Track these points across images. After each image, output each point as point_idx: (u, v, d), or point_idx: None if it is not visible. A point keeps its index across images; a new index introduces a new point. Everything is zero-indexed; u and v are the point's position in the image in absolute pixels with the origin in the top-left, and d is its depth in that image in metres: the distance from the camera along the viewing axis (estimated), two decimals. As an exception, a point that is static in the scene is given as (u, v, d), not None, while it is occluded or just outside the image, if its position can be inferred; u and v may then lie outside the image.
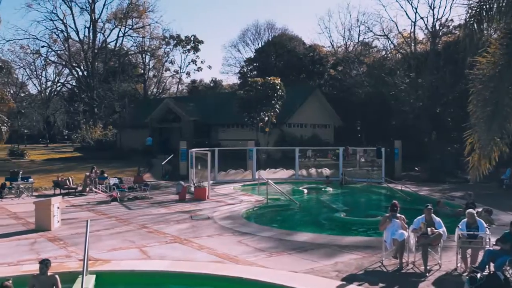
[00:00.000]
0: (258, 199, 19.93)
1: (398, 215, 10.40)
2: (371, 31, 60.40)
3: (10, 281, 7.13)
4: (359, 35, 55.85)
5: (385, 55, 48.87)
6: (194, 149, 23.77)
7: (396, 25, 71.75)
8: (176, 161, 29.39)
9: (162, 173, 28.77)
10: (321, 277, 9.28)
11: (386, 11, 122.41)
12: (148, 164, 32.09)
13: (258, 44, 64.75)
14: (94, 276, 9.16)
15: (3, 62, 37.24)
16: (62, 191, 21.82)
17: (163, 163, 29.44)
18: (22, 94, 60.54)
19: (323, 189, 24.02)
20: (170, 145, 37.87)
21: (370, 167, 29.52)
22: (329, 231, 14.51)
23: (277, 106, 31.69)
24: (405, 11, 75.70)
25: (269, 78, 31.99)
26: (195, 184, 20.95)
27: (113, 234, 13.29)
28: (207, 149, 23.73)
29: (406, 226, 10.30)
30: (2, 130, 23.57)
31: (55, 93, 62.23)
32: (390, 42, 47.06)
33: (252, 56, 61.63)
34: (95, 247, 11.32)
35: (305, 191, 23.05)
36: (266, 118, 31.76)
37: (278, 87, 31.44)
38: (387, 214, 10.61)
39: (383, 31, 48.41)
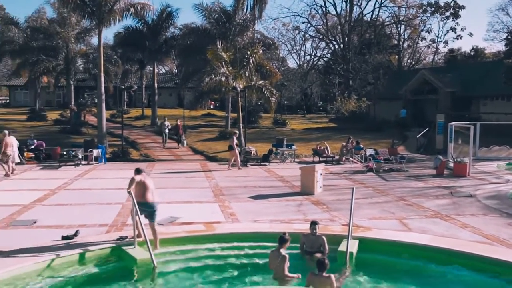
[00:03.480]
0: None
1: None
2: None
3: (287, 235, 7.93)
4: None
5: None
6: (453, 123, 22.45)
7: None
8: (432, 134, 28.26)
9: (417, 146, 28.03)
10: None
11: None
12: (402, 137, 31.60)
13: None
14: (357, 241, 9.56)
15: (271, 40, 40.89)
16: (321, 159, 23.14)
17: (418, 136, 28.62)
18: (282, 68, 65.66)
19: None
20: (425, 118, 36.52)
21: None
22: None
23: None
24: None
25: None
26: (455, 159, 19.84)
27: (372, 203, 13.58)
28: (467, 123, 22.18)
29: None
30: (271, 101, 26.04)
31: (312, 66, 65.77)
32: None
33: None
34: (355, 214, 11.64)
35: None
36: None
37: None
38: None
39: None
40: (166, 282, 8.27)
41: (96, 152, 22.74)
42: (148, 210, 9.44)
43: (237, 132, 22.49)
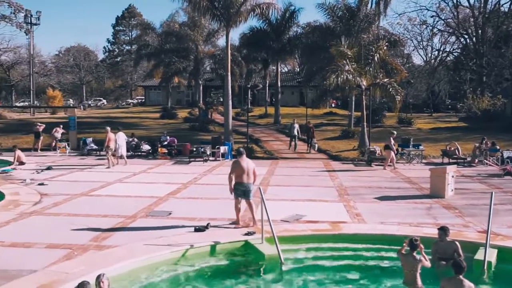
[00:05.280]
0: None
1: None
2: None
3: (419, 241, 7.57)
4: None
5: None
6: None
7: None
8: None
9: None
10: None
11: None
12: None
13: None
14: (496, 250, 8.89)
15: (396, 36, 39.47)
16: (451, 161, 21.89)
17: None
18: (407, 65, 63.08)
19: None
20: None
21: None
22: None
23: None
24: None
25: None
26: None
27: (511, 210, 12.55)
28: None
29: None
30: (397, 99, 25.19)
31: (440, 62, 62.39)
32: None
33: None
34: (493, 221, 10.84)
35: None
36: None
37: None
38: None
39: None
40: (292, 279, 8.35)
41: (223, 149, 23.73)
42: (243, 189, 10.67)
43: (394, 132, 21.64)
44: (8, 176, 18.27)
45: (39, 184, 16.07)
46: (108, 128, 21.57)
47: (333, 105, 59.35)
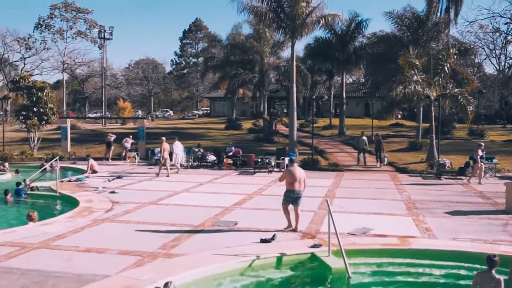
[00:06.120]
0: None
1: None
2: None
3: (497, 257, 7.16)
4: None
5: None
6: None
7: None
8: None
9: None
10: None
11: None
12: None
13: None
14: None
15: (467, 44, 38.08)
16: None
17: None
18: (478, 75, 60.62)
19: None
20: None
21: None
22: None
23: None
24: None
25: None
26: None
27: None
28: None
29: None
30: (468, 110, 24.25)
31: (516, 71, 59.58)
32: None
33: None
34: None
35: None
36: None
37: None
38: None
39: None
40: (359, 294, 8.20)
41: (287, 160, 23.66)
42: (294, 196, 11.28)
43: (482, 144, 20.86)
44: (82, 183, 19.15)
45: (111, 192, 16.72)
46: (163, 138, 22.24)
47: (399, 116, 57.98)
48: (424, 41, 32.21)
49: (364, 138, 25.94)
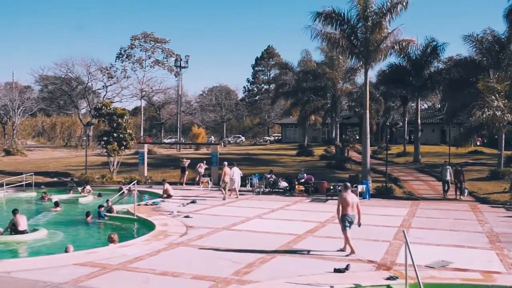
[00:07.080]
0: None
1: None
2: None
3: None
4: None
5: None
6: None
7: None
8: None
9: None
10: None
11: None
12: None
13: None
14: None
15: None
16: None
17: None
18: None
19: None
20: None
21: None
22: None
23: None
24: None
25: None
26: None
27: None
28: None
29: None
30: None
31: None
32: None
33: None
34: None
35: None
36: None
37: None
38: None
39: None
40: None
41: (360, 187, 23.21)
42: (349, 220, 11.52)
43: None
44: (158, 207, 19.76)
45: (185, 217, 17.11)
46: (225, 163, 23.11)
47: (478, 143, 55.47)
48: (506, 64, 30.89)
49: (449, 167, 24.13)
